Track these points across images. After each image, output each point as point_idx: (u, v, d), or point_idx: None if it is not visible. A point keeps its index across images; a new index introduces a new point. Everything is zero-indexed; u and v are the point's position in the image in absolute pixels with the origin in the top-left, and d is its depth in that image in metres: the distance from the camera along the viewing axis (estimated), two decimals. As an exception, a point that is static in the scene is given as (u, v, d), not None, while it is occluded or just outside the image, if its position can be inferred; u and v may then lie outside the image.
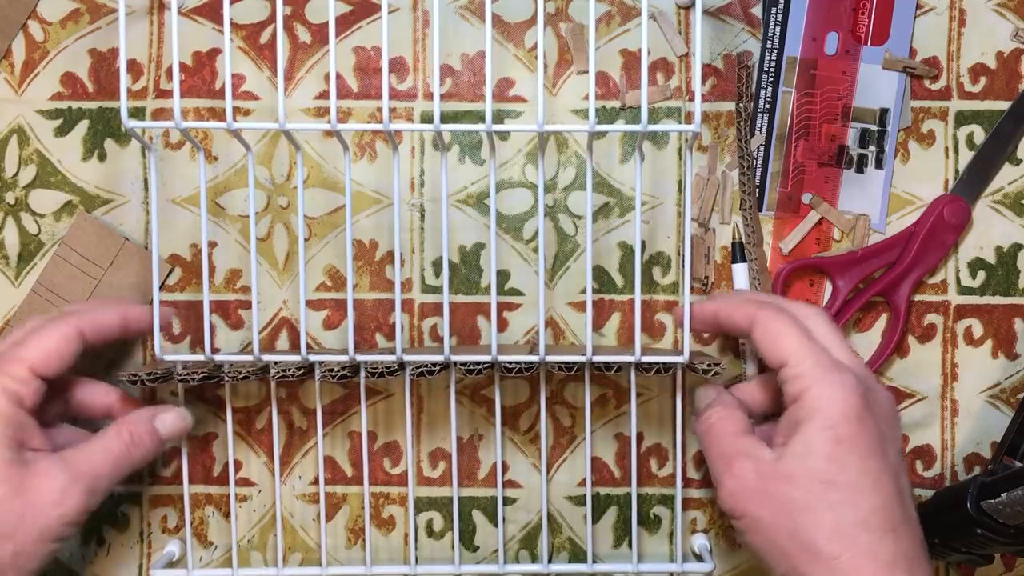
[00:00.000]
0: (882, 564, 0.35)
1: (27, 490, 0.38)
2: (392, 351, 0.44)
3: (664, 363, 0.42)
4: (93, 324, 0.41)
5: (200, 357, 0.43)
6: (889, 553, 0.35)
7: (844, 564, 0.35)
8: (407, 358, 0.43)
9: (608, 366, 0.43)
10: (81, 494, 0.39)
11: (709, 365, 0.42)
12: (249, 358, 0.43)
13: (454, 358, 0.42)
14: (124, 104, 0.40)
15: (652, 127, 0.40)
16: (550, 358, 0.42)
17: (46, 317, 0.41)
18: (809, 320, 0.40)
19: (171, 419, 0.43)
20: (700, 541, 0.48)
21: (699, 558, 0.47)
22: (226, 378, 0.43)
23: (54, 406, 0.42)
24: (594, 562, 0.48)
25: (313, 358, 0.43)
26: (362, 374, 0.44)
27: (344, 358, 0.43)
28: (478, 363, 0.42)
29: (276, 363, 0.43)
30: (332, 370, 0.42)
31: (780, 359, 0.38)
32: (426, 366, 0.42)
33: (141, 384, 0.43)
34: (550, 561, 0.48)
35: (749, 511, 0.37)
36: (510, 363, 0.42)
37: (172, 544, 0.48)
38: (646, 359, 0.42)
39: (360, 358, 0.43)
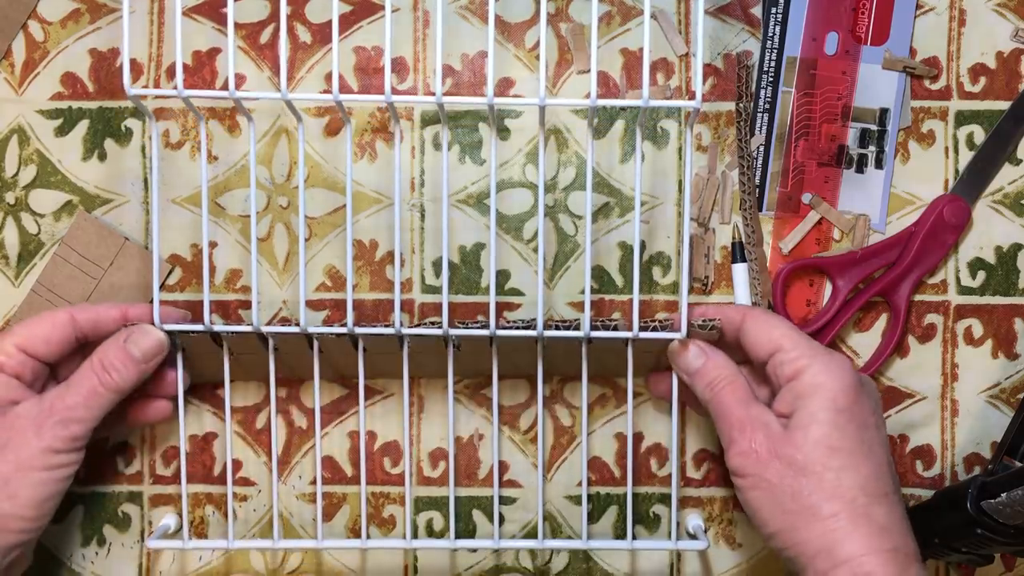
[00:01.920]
0: (876, 527, 0.37)
1: (6, 430, 0.41)
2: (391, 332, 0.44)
3: (661, 320, 0.43)
4: (90, 313, 0.43)
5: (199, 327, 0.43)
6: (883, 516, 0.38)
7: (841, 523, 0.37)
8: (406, 331, 0.43)
9: (606, 326, 0.43)
10: (55, 425, 0.41)
11: (705, 321, 0.43)
12: (249, 329, 0.43)
13: (452, 332, 0.43)
14: (127, 75, 0.40)
15: (653, 102, 0.40)
16: (548, 333, 0.42)
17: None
18: (757, 319, 0.43)
19: (141, 338, 0.43)
20: (694, 521, 0.48)
21: (693, 537, 0.47)
22: (223, 338, 0.43)
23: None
24: (592, 561, 0.48)
25: (312, 330, 0.43)
26: (360, 346, 0.44)
27: (343, 330, 0.43)
28: (477, 322, 0.43)
29: (272, 333, 0.43)
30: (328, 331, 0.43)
31: (774, 345, 0.41)
32: (425, 324, 0.43)
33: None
34: (550, 561, 0.48)
35: (757, 471, 0.39)
36: (510, 321, 0.43)
37: (168, 518, 0.48)
38: (644, 335, 0.42)
39: (359, 331, 0.43)
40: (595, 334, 0.43)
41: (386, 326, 0.43)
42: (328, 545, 0.46)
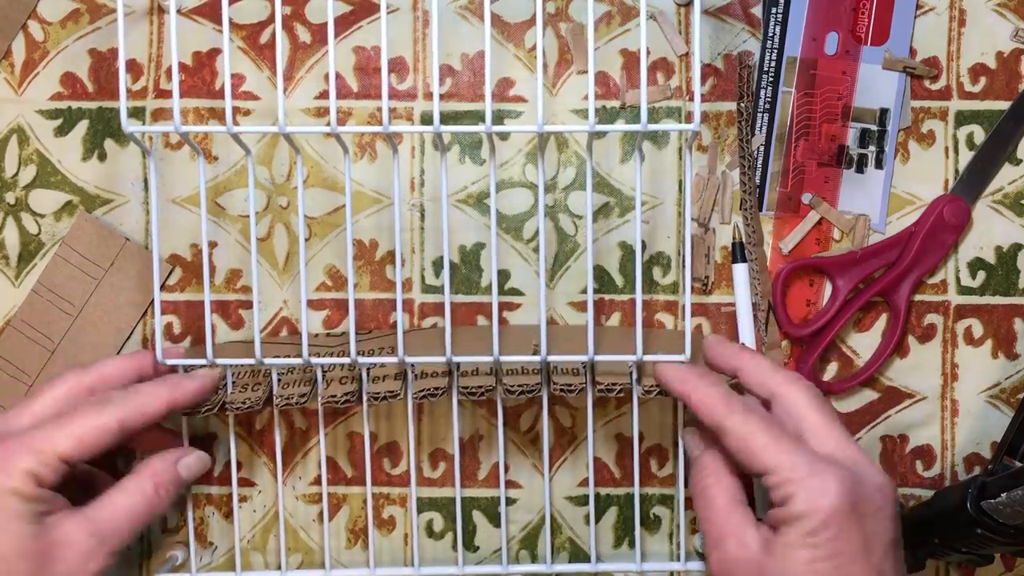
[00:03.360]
0: None
1: (53, 561, 0.37)
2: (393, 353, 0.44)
3: (648, 387, 0.43)
4: (137, 414, 0.40)
5: (202, 361, 0.43)
6: None
7: None
8: (410, 359, 0.43)
9: (610, 390, 0.43)
10: (105, 557, 0.38)
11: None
12: (251, 362, 0.43)
13: (456, 359, 0.43)
14: (123, 108, 0.40)
15: (652, 127, 0.40)
16: (552, 358, 0.42)
17: (89, 400, 0.40)
18: (787, 399, 0.39)
19: (194, 462, 0.43)
20: (702, 539, 0.48)
21: (701, 556, 0.47)
22: (229, 410, 0.43)
23: None
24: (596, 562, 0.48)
25: (315, 361, 0.43)
26: (365, 403, 0.44)
27: (346, 360, 0.43)
28: (479, 386, 0.42)
29: (280, 395, 0.43)
30: (335, 396, 0.42)
31: (760, 468, 0.37)
32: (428, 390, 0.42)
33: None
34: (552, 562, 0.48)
35: None
36: (512, 386, 0.42)
37: (176, 551, 0.48)
38: (648, 358, 0.42)
39: (362, 360, 0.43)
40: (599, 358, 0.43)
41: (390, 352, 0.43)
42: (336, 575, 0.47)
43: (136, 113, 0.48)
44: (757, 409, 0.39)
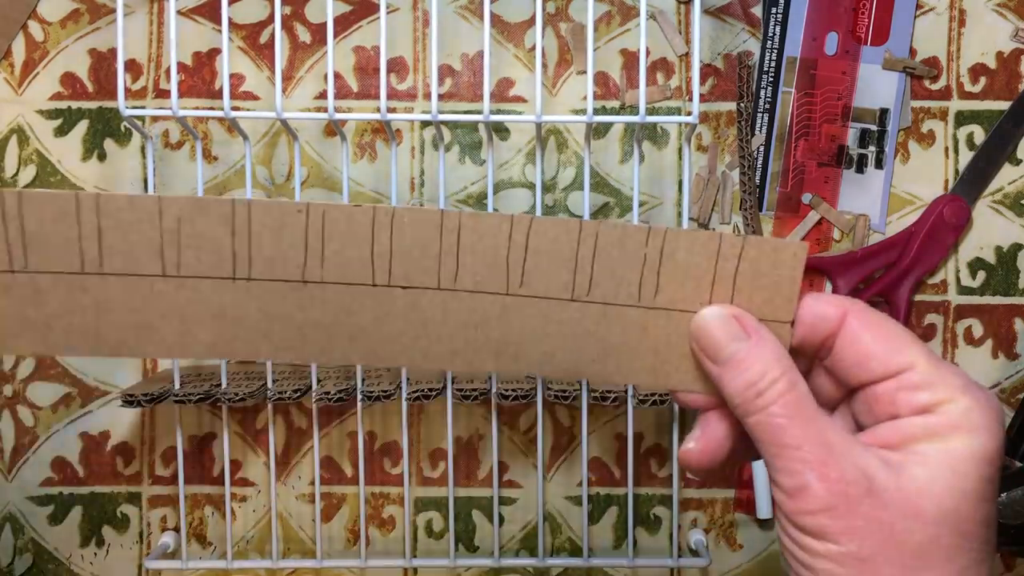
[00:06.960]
0: None
1: None
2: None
3: (660, 396, 0.43)
4: None
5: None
6: None
7: None
8: None
9: (604, 397, 0.43)
10: None
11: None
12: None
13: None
14: (121, 93, 0.40)
15: (650, 118, 0.40)
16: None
17: None
18: None
19: None
20: (696, 536, 0.48)
21: (695, 553, 0.47)
22: (223, 401, 0.43)
23: None
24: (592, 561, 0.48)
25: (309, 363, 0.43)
26: (359, 401, 0.44)
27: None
28: (474, 389, 0.43)
29: (274, 383, 0.43)
30: (328, 393, 0.43)
31: (899, 362, 0.26)
32: (422, 391, 0.42)
33: (139, 405, 0.42)
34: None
35: (845, 540, 0.25)
36: (506, 391, 0.43)
37: (167, 536, 0.48)
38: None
39: None
40: None
41: (387, 371, 0.44)
42: (328, 565, 0.47)
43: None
44: None
